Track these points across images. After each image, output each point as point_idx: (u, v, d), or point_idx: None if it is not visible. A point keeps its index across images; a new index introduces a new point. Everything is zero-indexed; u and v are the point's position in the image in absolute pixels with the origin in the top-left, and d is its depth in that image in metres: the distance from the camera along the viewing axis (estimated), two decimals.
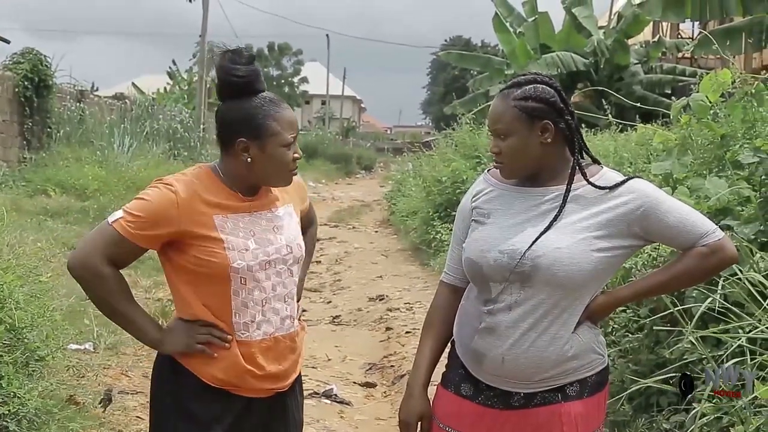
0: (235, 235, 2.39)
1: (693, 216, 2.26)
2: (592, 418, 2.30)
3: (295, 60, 62.56)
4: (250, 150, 2.38)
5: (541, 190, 2.30)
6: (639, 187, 2.25)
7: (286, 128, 2.40)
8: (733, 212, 4.15)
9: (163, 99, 29.01)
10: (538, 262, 2.19)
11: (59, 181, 13.09)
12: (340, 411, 5.63)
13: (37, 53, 15.03)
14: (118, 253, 2.35)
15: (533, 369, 2.23)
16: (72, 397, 4.66)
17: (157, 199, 2.34)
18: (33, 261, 6.14)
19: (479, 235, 2.32)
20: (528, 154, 2.26)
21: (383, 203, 20.03)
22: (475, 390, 2.33)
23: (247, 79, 2.38)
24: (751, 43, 12.26)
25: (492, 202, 2.36)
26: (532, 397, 2.27)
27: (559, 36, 19.48)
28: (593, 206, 2.24)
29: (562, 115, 2.27)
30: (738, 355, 3.44)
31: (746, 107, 4.70)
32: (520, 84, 2.29)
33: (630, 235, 2.24)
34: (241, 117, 2.38)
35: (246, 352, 2.42)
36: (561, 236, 2.21)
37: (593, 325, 2.30)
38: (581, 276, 2.19)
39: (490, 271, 2.26)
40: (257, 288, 2.41)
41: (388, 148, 53.04)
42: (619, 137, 9.37)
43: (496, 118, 2.29)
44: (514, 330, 2.23)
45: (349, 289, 10.47)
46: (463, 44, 64.23)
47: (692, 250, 2.25)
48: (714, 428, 3.47)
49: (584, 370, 2.27)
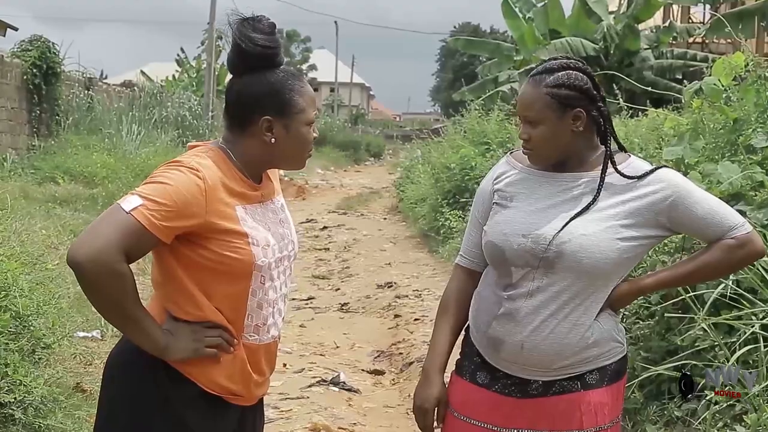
0: (256, 228, 2.16)
1: (722, 208, 2.23)
2: (612, 406, 2.26)
3: (304, 47, 62.62)
4: (274, 129, 2.15)
5: (567, 176, 2.26)
6: (668, 176, 2.22)
7: (311, 105, 2.21)
8: (746, 197, 4.09)
9: (172, 86, 28.96)
10: (563, 248, 2.16)
11: (68, 169, 13.08)
12: (348, 398, 5.60)
13: (46, 41, 15.01)
14: (135, 248, 2.01)
15: (553, 356, 2.19)
16: (79, 384, 4.65)
17: (184, 185, 2.04)
18: (40, 248, 6.14)
19: (502, 218, 2.28)
20: (558, 142, 2.22)
21: (392, 190, 19.98)
22: (491, 378, 2.29)
23: (271, 50, 2.14)
24: (764, 26, 12.14)
25: (515, 185, 2.31)
26: (551, 386, 2.23)
27: (568, 21, 19.33)
28: (621, 195, 2.21)
29: (595, 102, 2.23)
30: (751, 342, 3.40)
31: (759, 91, 4.63)
32: (552, 70, 2.23)
33: (656, 225, 2.21)
34: (265, 92, 2.14)
35: (252, 356, 2.22)
36: (587, 223, 2.17)
37: (613, 313, 2.27)
38: (606, 264, 2.16)
39: (513, 255, 2.22)
40: (272, 287, 2.21)
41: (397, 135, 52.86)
42: (630, 123, 9.30)
43: (527, 105, 2.23)
44: (534, 316, 2.19)
45: (358, 276, 10.43)
46: (472, 30, 64.00)
47: (719, 242, 2.21)
48: (726, 416, 3.44)
49: (604, 358, 2.24)
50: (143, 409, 2.14)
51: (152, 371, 2.13)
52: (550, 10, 19.30)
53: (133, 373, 2.16)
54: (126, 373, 2.18)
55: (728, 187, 4.09)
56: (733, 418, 3.41)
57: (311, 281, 9.85)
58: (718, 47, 18.74)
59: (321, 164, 29.78)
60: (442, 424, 2.38)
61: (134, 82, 24.57)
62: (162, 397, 2.14)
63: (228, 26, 2.16)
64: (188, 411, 2.15)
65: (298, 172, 24.63)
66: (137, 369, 2.15)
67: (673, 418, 3.82)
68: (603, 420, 2.23)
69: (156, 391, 2.14)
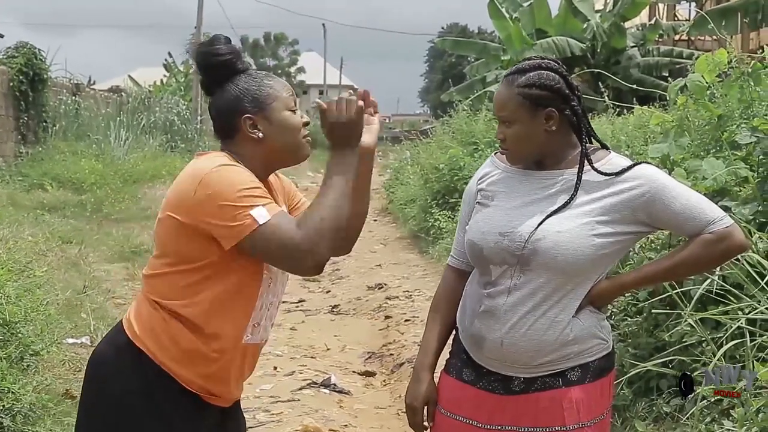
0: None
1: (701, 203, 2.22)
2: (595, 403, 2.26)
3: (292, 50, 62.50)
4: (258, 124, 2.23)
5: (546, 174, 2.27)
6: (646, 172, 2.22)
7: (283, 91, 2.27)
8: (731, 193, 4.11)
9: (160, 91, 28.94)
10: (538, 245, 2.17)
11: (56, 175, 13.05)
12: (339, 400, 5.60)
13: (32, 47, 14.95)
14: None
15: (532, 352, 2.20)
16: (68, 391, 4.63)
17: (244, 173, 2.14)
18: (28, 255, 6.13)
19: (481, 217, 2.31)
20: (532, 142, 2.24)
21: (381, 192, 19.98)
22: (476, 375, 2.30)
23: (229, 57, 2.25)
24: (747, 22, 12.21)
25: (496, 184, 2.34)
26: (533, 382, 2.24)
27: (555, 21, 19.37)
28: (598, 191, 2.21)
29: (568, 102, 2.24)
30: (737, 336, 3.41)
31: (743, 87, 4.65)
32: (524, 70, 2.26)
33: (635, 221, 2.21)
34: (236, 95, 2.24)
35: (240, 357, 2.26)
36: (563, 221, 2.19)
37: (597, 310, 2.27)
38: (581, 261, 2.17)
39: (490, 253, 2.25)
40: (273, 291, 2.28)
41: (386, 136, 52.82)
42: (617, 121, 9.33)
43: (501, 105, 2.27)
44: (512, 313, 2.21)
45: (348, 278, 10.43)
46: (460, 31, 64.06)
47: (698, 238, 2.20)
48: (714, 411, 3.45)
49: (586, 354, 2.24)
50: (127, 405, 2.17)
51: (136, 367, 2.18)
52: (537, 10, 19.33)
53: (117, 370, 2.20)
54: (110, 369, 2.22)
55: (713, 183, 4.11)
56: (721, 413, 3.43)
57: (301, 284, 9.83)
58: (704, 44, 18.83)
59: (311, 166, 29.71)
60: (432, 422, 2.40)
61: (122, 88, 24.50)
62: (146, 392, 2.17)
63: (188, 54, 2.31)
64: (171, 405, 2.19)
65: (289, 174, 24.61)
66: (121, 365, 2.20)
67: (662, 414, 3.84)
68: (586, 417, 2.23)
69: (140, 386, 2.17)
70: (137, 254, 9.07)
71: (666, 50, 19.52)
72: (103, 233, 9.96)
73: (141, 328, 2.21)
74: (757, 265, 3.54)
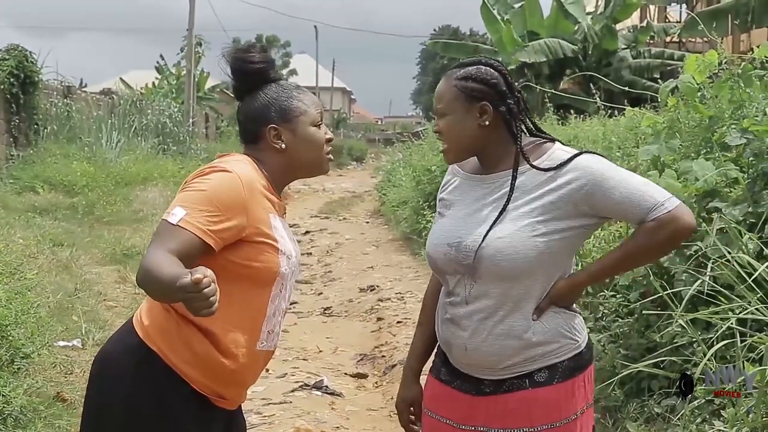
0: (284, 238, 2.26)
1: (641, 189, 2.15)
2: (565, 404, 2.22)
3: (284, 52, 62.56)
4: (282, 135, 2.28)
5: (493, 176, 2.26)
6: (583, 164, 2.16)
7: (312, 106, 2.32)
8: (721, 194, 4.12)
9: (152, 94, 28.86)
10: (481, 254, 2.16)
11: (47, 178, 12.99)
12: (331, 402, 5.59)
13: (23, 50, 14.87)
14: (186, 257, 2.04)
15: (495, 357, 2.19)
16: (59, 394, 4.62)
17: (223, 187, 2.13)
18: (19, 258, 6.11)
19: (436, 228, 2.33)
20: (465, 135, 2.24)
21: (374, 194, 19.99)
22: (451, 376, 2.31)
23: (263, 65, 2.31)
24: (737, 24, 12.25)
25: (454, 192, 2.34)
26: (501, 384, 2.23)
27: (546, 22, 19.43)
28: (537, 190, 2.18)
29: (504, 99, 2.23)
30: (728, 337, 3.42)
31: (733, 88, 4.67)
32: (464, 65, 2.28)
33: (579, 214, 2.17)
34: (264, 104, 2.29)
35: (255, 363, 2.28)
36: (504, 225, 2.16)
37: (563, 310, 2.23)
38: (526, 263, 2.14)
39: (444, 265, 2.25)
40: (283, 297, 2.31)
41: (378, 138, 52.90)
42: (608, 122, 9.35)
43: (438, 98, 2.28)
44: (472, 321, 2.21)
45: (340, 280, 10.43)
46: (451, 33, 64.14)
47: (642, 226, 2.16)
48: (705, 411, 3.46)
49: (553, 355, 2.21)
50: (137, 406, 2.17)
51: (146, 367, 2.17)
52: (528, 12, 19.37)
53: (127, 370, 2.19)
54: (119, 370, 2.20)
55: (703, 184, 4.12)
56: (712, 414, 3.43)
57: (294, 286, 9.81)
58: (695, 46, 18.89)
59: None
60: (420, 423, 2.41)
61: (113, 90, 24.44)
62: (156, 393, 2.17)
63: (224, 58, 2.34)
64: (181, 407, 2.19)
65: None
66: (131, 365, 2.19)
67: (653, 415, 3.85)
68: (555, 417, 2.20)
69: (150, 387, 2.17)
70: (129, 257, 9.04)
71: (657, 52, 19.60)
72: (95, 236, 9.92)
73: (153, 328, 2.20)
74: (747, 265, 3.56)
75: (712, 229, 3.85)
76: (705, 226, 3.89)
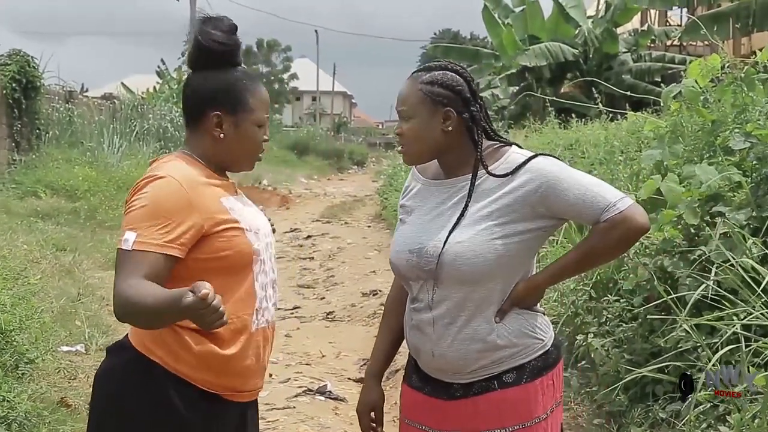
0: (244, 215, 2.21)
1: (594, 190, 2.16)
2: (535, 403, 2.23)
3: (285, 56, 62.49)
4: (223, 125, 2.21)
5: (451, 182, 2.27)
6: (537, 166, 2.18)
7: (262, 107, 2.26)
8: (725, 198, 4.12)
9: (153, 98, 28.85)
10: (442, 259, 2.17)
11: (49, 183, 13.00)
12: (334, 407, 5.59)
13: (24, 54, 14.90)
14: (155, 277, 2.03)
15: (462, 362, 2.21)
16: (63, 399, 4.62)
17: (161, 196, 2.08)
18: (22, 263, 6.12)
19: (398, 235, 2.34)
20: (427, 139, 2.24)
21: (375, 198, 19.96)
22: (423, 381, 2.33)
23: (229, 48, 2.22)
24: (739, 27, 12.26)
25: (414, 198, 2.35)
26: (470, 387, 2.24)
27: (547, 26, 19.44)
28: (494, 193, 2.19)
29: (468, 106, 2.24)
30: (733, 342, 3.41)
31: (736, 92, 4.67)
32: (430, 69, 2.28)
33: (536, 216, 2.18)
34: (217, 88, 2.21)
35: (253, 343, 2.22)
36: (463, 230, 2.18)
37: (525, 311, 2.24)
38: (486, 267, 2.15)
39: (406, 271, 2.26)
40: (263, 271, 2.25)
41: (379, 142, 52.89)
42: (610, 126, 9.35)
43: (402, 100, 2.28)
44: (436, 327, 2.22)
45: (343, 284, 10.42)
46: (452, 37, 64.22)
47: (596, 227, 2.18)
48: (710, 416, 3.45)
49: (520, 356, 2.22)
50: (148, 418, 2.14)
51: (150, 379, 2.15)
52: (529, 16, 19.38)
53: (130, 385, 2.16)
54: (123, 386, 2.17)
55: (707, 188, 4.12)
56: (717, 419, 3.43)
57: (296, 290, 9.82)
58: (696, 49, 18.90)
59: (304, 173, 29.74)
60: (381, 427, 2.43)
61: (115, 95, 24.45)
62: (164, 402, 2.14)
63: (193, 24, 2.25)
64: (192, 411, 2.16)
65: (282, 182, 24.62)
66: (133, 380, 2.16)
67: (658, 420, 3.84)
68: (526, 417, 2.21)
69: (157, 398, 2.14)
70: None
71: (658, 56, 19.61)
72: (97, 240, 9.93)
73: (150, 340, 2.17)
74: (752, 270, 3.55)
75: (716, 233, 3.85)
76: (709, 231, 3.89)
